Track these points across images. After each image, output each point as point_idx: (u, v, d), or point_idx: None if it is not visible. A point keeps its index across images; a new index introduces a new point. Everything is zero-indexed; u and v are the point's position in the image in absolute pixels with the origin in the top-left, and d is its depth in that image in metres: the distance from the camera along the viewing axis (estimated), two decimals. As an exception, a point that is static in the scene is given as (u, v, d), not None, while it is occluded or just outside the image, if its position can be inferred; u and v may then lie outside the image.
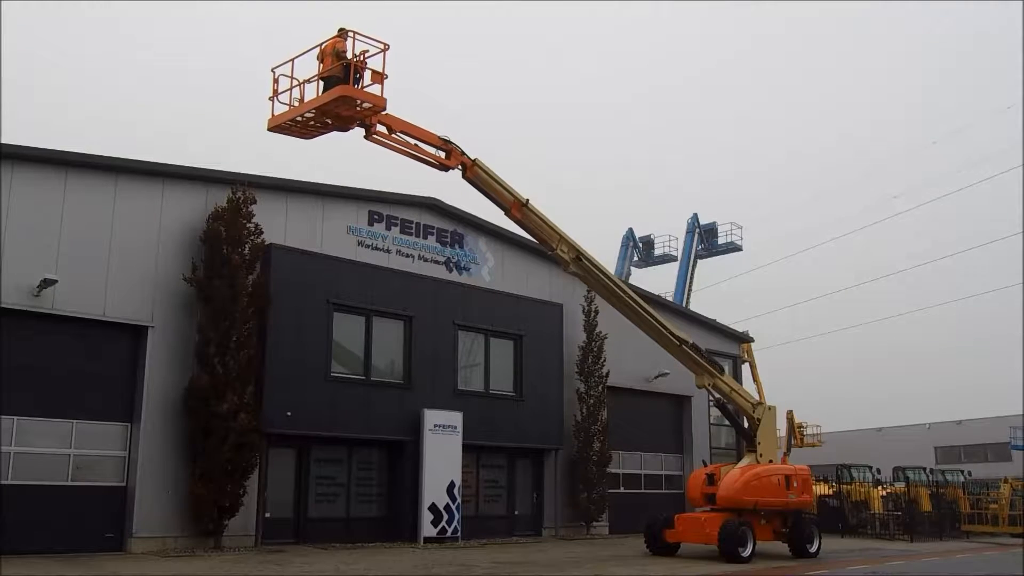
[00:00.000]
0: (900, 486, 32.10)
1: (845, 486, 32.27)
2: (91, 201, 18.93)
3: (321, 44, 17.20)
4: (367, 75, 16.72)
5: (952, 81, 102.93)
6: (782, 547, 21.77)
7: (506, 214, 19.33)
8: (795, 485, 21.69)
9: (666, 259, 49.24)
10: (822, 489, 31.98)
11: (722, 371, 22.69)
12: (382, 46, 16.70)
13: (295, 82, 17.29)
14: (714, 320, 34.65)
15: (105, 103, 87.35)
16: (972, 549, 26.37)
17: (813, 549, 21.51)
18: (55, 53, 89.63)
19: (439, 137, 17.91)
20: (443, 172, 18.39)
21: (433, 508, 22.56)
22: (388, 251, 23.76)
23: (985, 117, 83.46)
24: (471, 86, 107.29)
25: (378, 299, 22.87)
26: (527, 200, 19.05)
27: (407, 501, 22.55)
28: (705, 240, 47.29)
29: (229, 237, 19.87)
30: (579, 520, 26.80)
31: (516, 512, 26.01)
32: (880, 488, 32.33)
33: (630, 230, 49.73)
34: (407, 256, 24.12)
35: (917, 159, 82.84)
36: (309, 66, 17.36)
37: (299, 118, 17.12)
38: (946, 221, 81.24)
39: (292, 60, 17.32)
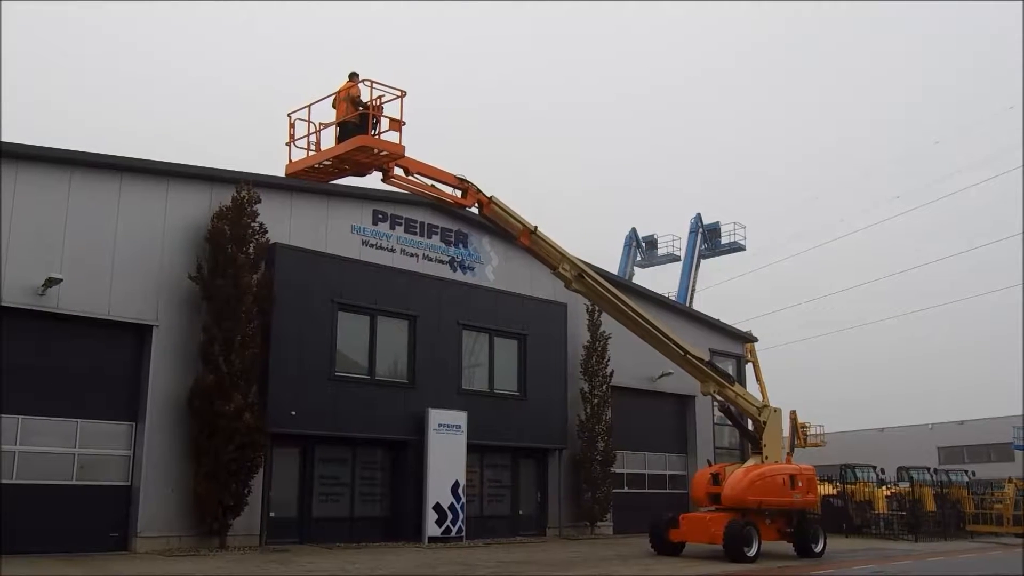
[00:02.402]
0: (904, 486, 32.04)
1: (849, 486, 32.21)
2: (95, 200, 18.93)
3: (337, 91, 17.07)
4: (384, 122, 16.70)
5: (955, 81, 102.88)
6: (787, 547, 21.73)
7: (515, 242, 19.43)
8: (800, 485, 21.64)
9: (669, 259, 49.17)
10: (826, 489, 31.88)
11: (733, 381, 22.73)
12: (398, 93, 16.60)
13: (312, 127, 17.26)
14: (717, 320, 34.59)
15: (109, 104, 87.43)
16: (977, 549, 26.30)
17: (818, 549, 21.46)
18: (57, 53, 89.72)
19: (455, 176, 18.01)
20: (460, 210, 18.52)
21: (437, 508, 22.54)
22: (392, 250, 23.75)
23: (988, 117, 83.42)
24: (472, 86, 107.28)
25: (382, 298, 22.85)
26: (535, 227, 19.24)
27: (411, 501, 22.53)
28: (708, 240, 47.23)
29: (233, 236, 19.87)
30: (583, 520, 26.77)
31: (520, 512, 25.98)
32: (884, 488, 32.26)
33: (633, 230, 49.69)
34: (411, 255, 24.11)
35: (919, 159, 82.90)
36: (324, 109, 17.38)
37: (317, 165, 17.16)
38: (948, 221, 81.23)
39: (308, 106, 17.31)
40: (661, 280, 48.15)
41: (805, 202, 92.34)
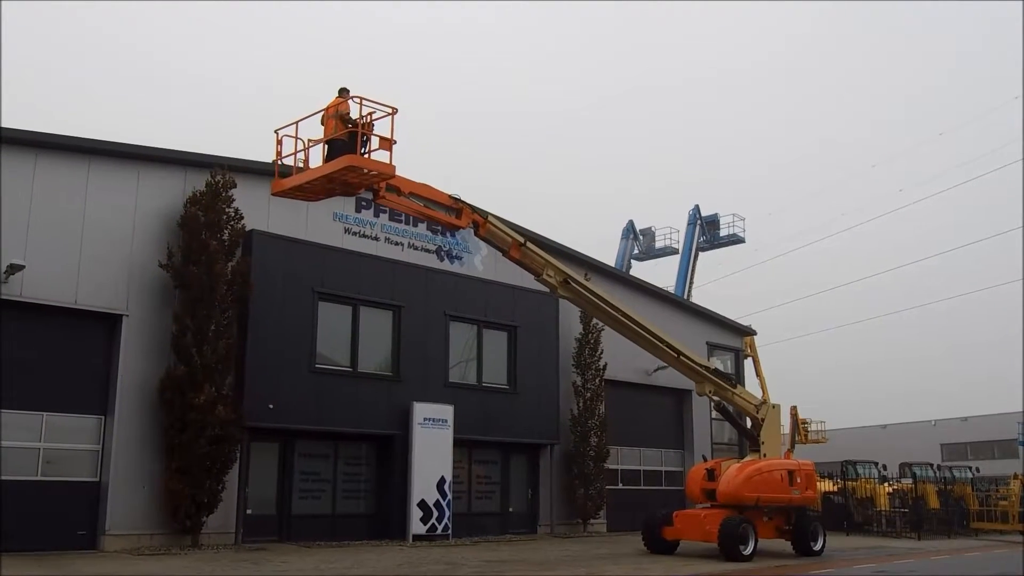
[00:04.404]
0: (907, 483, 31.26)
1: (850, 483, 31.46)
2: (62, 184, 18.17)
3: (326, 107, 16.30)
4: (374, 140, 15.97)
5: (956, 72, 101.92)
6: (785, 545, 21.01)
7: (504, 255, 18.83)
8: (798, 481, 20.89)
9: (667, 251, 48.27)
10: (827, 486, 31.19)
11: (734, 384, 22.02)
12: (389, 110, 15.79)
13: (301, 144, 16.52)
14: (715, 313, 33.76)
15: (84, 90, 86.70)
16: (981, 547, 25.55)
17: (817, 547, 20.74)
18: (53, 49, 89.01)
19: (449, 196, 17.44)
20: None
21: (423, 505, 21.76)
22: (376, 238, 22.96)
23: (992, 108, 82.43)
24: (473, 82, 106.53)
25: (365, 288, 22.07)
26: (525, 240, 18.66)
27: (396, 497, 21.75)
28: (707, 232, 46.28)
29: (207, 222, 19.11)
30: (575, 517, 26.01)
31: (510, 509, 25.19)
32: (887, 485, 31.49)
33: (630, 222, 48.74)
34: (396, 244, 23.32)
35: (923, 152, 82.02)
36: (313, 125, 16.62)
37: (305, 184, 16.39)
38: (951, 214, 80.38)
39: (296, 123, 16.59)
40: (659, 273, 47.35)
41: (807, 197, 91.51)
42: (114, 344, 18.57)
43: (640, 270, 47.97)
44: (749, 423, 22.14)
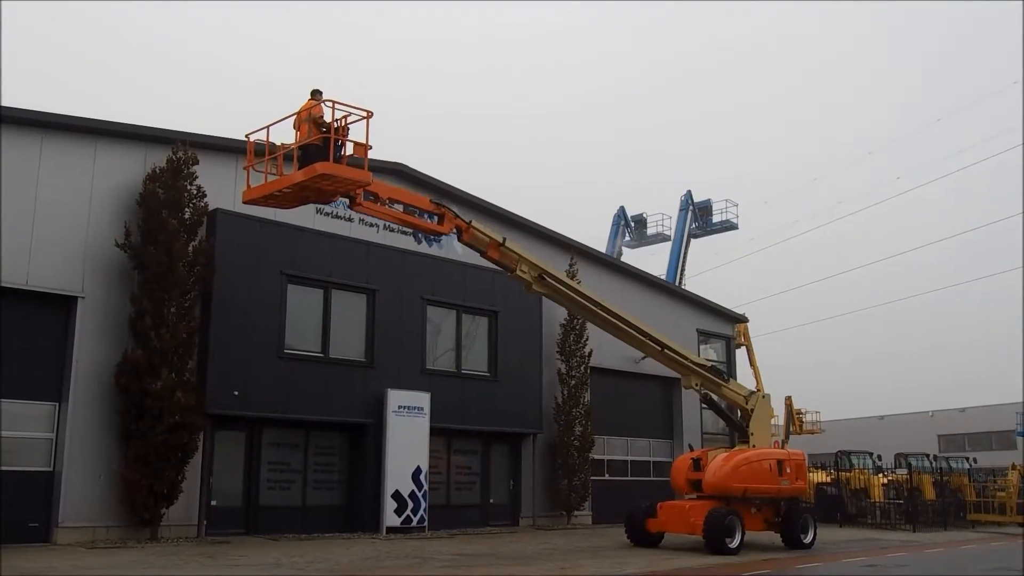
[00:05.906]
0: (902, 473, 30.50)
1: (844, 473, 30.72)
2: (13, 159, 17.24)
3: (299, 111, 15.60)
4: (349, 146, 15.23)
5: (955, 59, 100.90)
6: (774, 538, 20.24)
7: (482, 255, 18.11)
8: (788, 471, 20.08)
9: (659, 238, 47.26)
10: (820, 477, 30.47)
11: (727, 379, 21.23)
12: (364, 113, 15.02)
13: (272, 145, 15.79)
14: (706, 299, 32.91)
15: (48, 66, 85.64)
16: (978, 540, 24.78)
17: (808, 540, 19.99)
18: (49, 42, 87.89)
19: (431, 201, 16.85)
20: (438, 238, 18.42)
21: (397, 496, 20.94)
22: (350, 219, 22.05)
23: (991, 94, 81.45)
24: (471, 74, 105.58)
25: (338, 271, 21.22)
26: (504, 239, 17.95)
27: (369, 488, 20.95)
28: (700, 219, 45.24)
29: (168, 200, 18.22)
30: (559, 509, 25.22)
31: (491, 500, 24.37)
32: (881, 475, 30.74)
33: (621, 208, 47.72)
34: (371, 225, 22.37)
35: (921, 139, 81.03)
36: (285, 128, 15.95)
37: (277, 192, 15.60)
38: (950, 202, 79.50)
39: (267, 127, 15.85)
40: (651, 262, 46.37)
41: (803, 185, 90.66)
42: (69, 327, 17.71)
43: (632, 257, 47.08)
44: (739, 414, 21.34)
